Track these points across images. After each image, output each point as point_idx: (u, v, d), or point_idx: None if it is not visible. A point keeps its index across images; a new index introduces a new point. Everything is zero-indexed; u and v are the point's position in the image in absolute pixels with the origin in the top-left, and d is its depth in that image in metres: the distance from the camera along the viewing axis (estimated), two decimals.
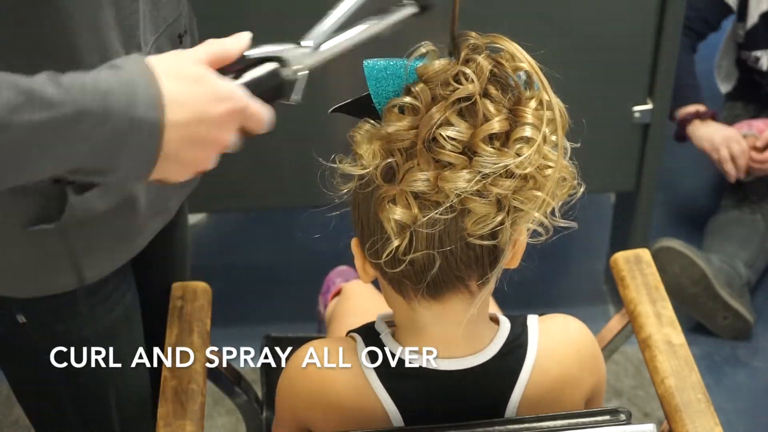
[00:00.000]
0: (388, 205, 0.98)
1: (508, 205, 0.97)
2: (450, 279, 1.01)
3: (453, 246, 0.98)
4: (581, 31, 1.91)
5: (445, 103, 0.96)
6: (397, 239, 0.97)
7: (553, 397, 1.12)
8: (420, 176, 0.96)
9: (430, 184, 0.96)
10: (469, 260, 1.00)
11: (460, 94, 0.96)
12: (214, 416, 2.04)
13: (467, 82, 0.97)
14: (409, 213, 0.97)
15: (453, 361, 1.08)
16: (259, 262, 2.47)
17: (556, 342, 1.13)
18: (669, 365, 1.22)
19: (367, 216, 1.01)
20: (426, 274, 1.00)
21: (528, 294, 1.78)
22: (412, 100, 0.98)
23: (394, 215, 0.97)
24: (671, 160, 2.64)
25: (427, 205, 0.97)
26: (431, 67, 0.99)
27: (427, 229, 0.97)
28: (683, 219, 2.56)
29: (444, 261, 0.99)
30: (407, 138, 0.98)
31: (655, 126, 2.01)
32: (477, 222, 0.97)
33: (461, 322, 1.06)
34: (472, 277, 1.02)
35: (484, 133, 0.96)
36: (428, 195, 0.96)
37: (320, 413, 1.12)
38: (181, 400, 1.18)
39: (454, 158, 0.96)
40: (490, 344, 1.10)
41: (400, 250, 0.98)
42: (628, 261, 1.37)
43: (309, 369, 1.12)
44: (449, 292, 1.03)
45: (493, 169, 0.95)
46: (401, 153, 0.98)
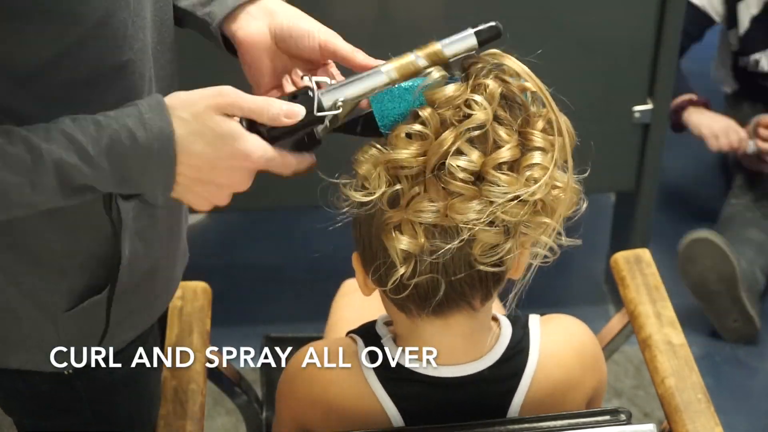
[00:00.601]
0: (395, 233, 0.96)
1: (517, 231, 0.96)
2: (454, 300, 1.01)
3: (455, 269, 0.97)
4: (581, 31, 1.91)
5: (456, 130, 0.94)
6: (402, 267, 0.96)
7: (555, 400, 1.12)
8: (429, 207, 0.94)
9: (440, 215, 0.94)
10: (473, 282, 0.99)
11: (472, 123, 0.93)
12: (214, 416, 2.04)
13: (479, 108, 0.94)
14: (416, 242, 0.95)
15: (454, 368, 1.08)
16: (259, 262, 2.47)
17: (558, 345, 1.13)
18: (669, 365, 1.22)
19: (369, 237, 1.00)
20: (431, 299, 0.99)
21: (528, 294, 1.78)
22: (422, 128, 0.95)
23: (401, 245, 0.95)
24: (671, 160, 2.64)
25: (434, 233, 0.95)
26: (441, 93, 0.95)
27: (433, 258, 0.95)
28: (683, 219, 2.56)
29: (449, 286, 0.98)
30: (415, 165, 0.95)
31: (655, 126, 2.01)
32: (485, 250, 0.96)
33: (463, 334, 1.06)
34: (476, 297, 1.02)
35: (495, 162, 0.94)
36: (439, 226, 0.94)
37: (320, 415, 1.11)
38: (181, 400, 1.18)
39: (464, 188, 0.94)
40: (492, 350, 1.10)
41: (404, 277, 0.97)
42: (629, 261, 1.37)
43: (309, 370, 1.11)
44: (453, 311, 1.02)
45: (505, 199, 0.93)
46: (407, 179, 0.96)
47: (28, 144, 0.86)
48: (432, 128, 0.95)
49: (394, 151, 0.95)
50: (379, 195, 0.96)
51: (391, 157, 0.95)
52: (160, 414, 1.17)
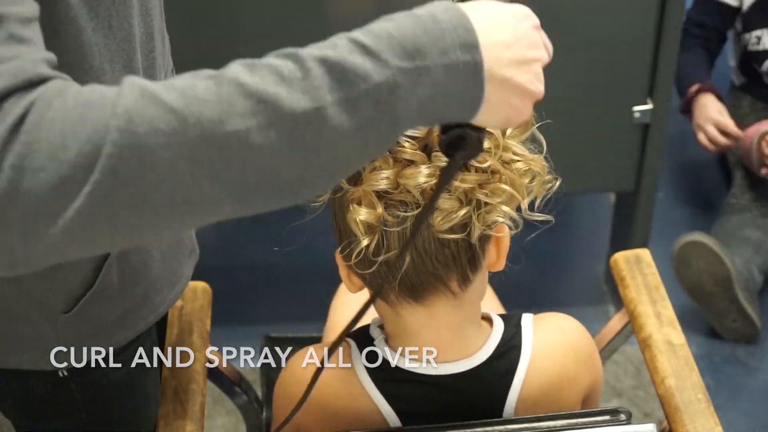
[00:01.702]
0: (353, 206, 0.98)
1: (473, 199, 0.97)
2: (428, 279, 1.01)
3: (425, 243, 0.98)
4: (581, 31, 1.91)
5: None
6: (365, 239, 0.98)
7: (549, 397, 1.12)
8: (381, 175, 0.96)
9: (391, 182, 0.96)
10: (445, 259, 1.00)
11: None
12: (214, 416, 2.04)
13: None
14: (374, 213, 0.97)
15: (446, 366, 1.08)
16: (259, 262, 2.47)
17: (551, 342, 1.13)
18: (669, 365, 1.22)
19: (342, 221, 1.01)
20: (398, 272, 1.00)
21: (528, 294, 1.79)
22: None
23: (360, 216, 0.97)
24: (671, 160, 2.64)
25: (392, 204, 0.97)
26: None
27: (396, 228, 0.97)
28: (683, 219, 2.56)
29: (418, 259, 0.99)
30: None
31: (655, 126, 2.01)
32: (443, 217, 0.97)
33: (450, 327, 1.06)
34: (452, 277, 1.02)
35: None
36: (392, 193, 0.96)
37: (316, 417, 1.12)
38: (181, 400, 1.18)
39: (412, 155, 0.96)
40: (483, 347, 1.10)
41: (370, 250, 0.98)
42: (629, 261, 1.36)
43: (304, 374, 1.12)
44: (430, 294, 1.03)
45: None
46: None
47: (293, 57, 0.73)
48: None
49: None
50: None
51: None
52: (160, 414, 1.17)
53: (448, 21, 0.74)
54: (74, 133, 0.67)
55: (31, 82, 0.69)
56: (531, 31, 0.82)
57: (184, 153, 0.69)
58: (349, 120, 0.71)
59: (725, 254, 2.14)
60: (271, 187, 0.73)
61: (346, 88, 0.71)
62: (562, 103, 1.94)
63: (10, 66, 0.69)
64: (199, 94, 0.70)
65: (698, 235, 2.16)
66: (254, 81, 0.71)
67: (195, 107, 0.69)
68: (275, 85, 0.71)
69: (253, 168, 0.71)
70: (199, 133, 0.69)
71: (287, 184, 0.73)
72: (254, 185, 0.72)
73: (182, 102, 0.69)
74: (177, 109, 0.69)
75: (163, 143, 0.68)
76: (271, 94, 0.70)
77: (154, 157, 0.68)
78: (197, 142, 0.69)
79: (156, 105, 0.69)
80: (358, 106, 0.71)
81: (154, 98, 0.69)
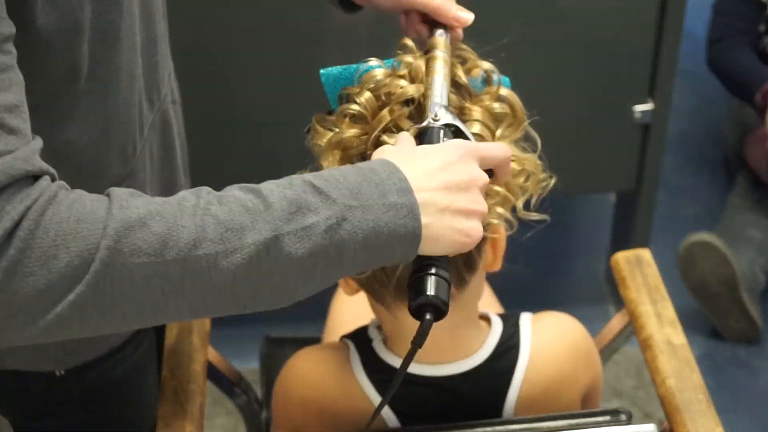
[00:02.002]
0: None
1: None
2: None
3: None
4: (581, 30, 1.90)
5: (390, 107, 0.97)
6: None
7: (549, 396, 1.12)
8: None
9: None
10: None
11: (401, 98, 0.97)
12: (214, 416, 2.04)
13: (407, 84, 0.98)
14: None
15: (444, 367, 1.08)
16: None
17: (550, 341, 1.13)
18: (670, 366, 1.21)
19: None
20: (393, 275, 1.00)
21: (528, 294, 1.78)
22: (358, 108, 0.99)
23: None
24: (671, 160, 2.63)
25: None
26: (371, 75, 1.00)
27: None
28: (683, 219, 2.56)
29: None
30: (359, 145, 0.98)
31: (655, 126, 2.01)
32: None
33: (448, 328, 1.05)
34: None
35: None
36: None
37: (315, 419, 1.12)
38: (180, 401, 1.18)
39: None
40: (482, 347, 1.10)
41: None
42: (629, 261, 1.36)
43: (302, 375, 1.12)
44: None
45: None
46: (358, 159, 0.99)
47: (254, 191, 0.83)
48: (369, 109, 0.99)
49: (340, 132, 0.99)
50: None
51: (336, 138, 0.99)
52: (160, 414, 1.17)
53: (385, 172, 0.84)
54: (66, 246, 0.75)
55: (24, 177, 0.76)
56: (460, 159, 0.88)
57: (160, 271, 0.78)
58: (302, 247, 0.80)
59: (732, 255, 2.14)
60: (226, 302, 0.82)
61: (300, 219, 0.80)
62: (562, 102, 1.94)
63: (1, 162, 0.74)
64: (178, 220, 0.78)
65: (705, 235, 2.16)
66: (223, 211, 0.80)
67: (174, 232, 0.78)
68: (241, 216, 0.80)
69: (216, 287, 0.80)
70: (175, 255, 0.77)
71: (241, 300, 0.82)
72: (212, 300, 0.81)
73: (164, 226, 0.78)
74: (159, 233, 0.77)
75: (143, 263, 0.77)
76: (237, 224, 0.79)
77: (133, 274, 0.77)
78: (172, 263, 0.78)
79: (141, 228, 0.77)
80: (310, 236, 0.80)
81: (140, 221, 0.77)
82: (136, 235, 0.77)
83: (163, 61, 1.08)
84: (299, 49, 1.81)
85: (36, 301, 0.75)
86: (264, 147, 1.95)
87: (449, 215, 0.85)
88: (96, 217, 0.76)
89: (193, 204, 0.80)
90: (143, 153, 1.05)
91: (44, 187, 0.77)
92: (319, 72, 1.03)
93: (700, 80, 2.81)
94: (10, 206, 0.74)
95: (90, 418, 1.15)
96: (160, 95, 1.08)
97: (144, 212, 0.78)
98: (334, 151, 1.00)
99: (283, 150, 1.85)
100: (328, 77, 1.03)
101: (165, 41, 1.10)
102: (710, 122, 2.84)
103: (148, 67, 1.03)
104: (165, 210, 0.79)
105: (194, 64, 1.80)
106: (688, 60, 2.47)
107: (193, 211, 0.79)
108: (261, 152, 1.94)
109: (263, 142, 1.95)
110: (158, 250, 0.77)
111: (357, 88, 1.00)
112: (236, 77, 1.88)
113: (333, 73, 1.02)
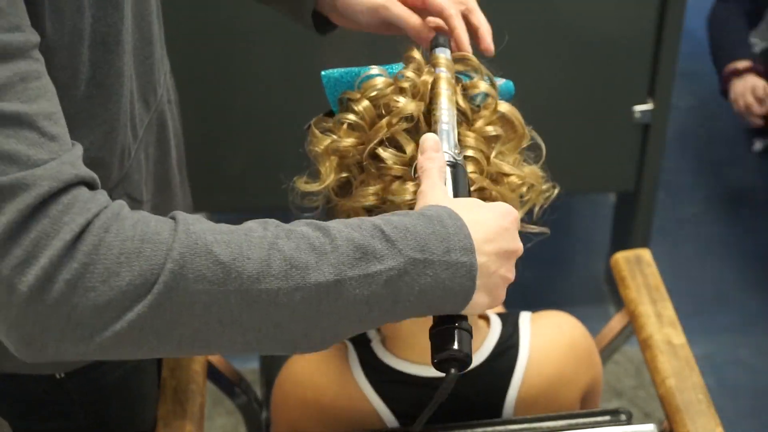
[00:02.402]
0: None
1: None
2: None
3: None
4: (581, 31, 1.90)
5: (387, 120, 0.97)
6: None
7: (549, 396, 1.12)
8: (369, 190, 0.96)
9: (378, 198, 0.96)
10: None
11: (400, 114, 0.97)
12: (214, 416, 2.04)
13: (407, 100, 0.97)
14: None
15: None
16: None
17: (549, 340, 1.13)
18: (670, 366, 1.21)
19: None
20: None
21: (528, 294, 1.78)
22: (355, 118, 0.98)
23: None
24: (671, 160, 2.64)
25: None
26: (371, 83, 0.99)
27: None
28: (683, 219, 2.56)
29: None
30: (356, 154, 0.98)
31: (655, 126, 2.01)
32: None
33: None
34: None
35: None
36: (380, 208, 0.96)
37: (314, 419, 1.12)
38: (180, 400, 1.18)
39: (400, 171, 0.96)
40: (481, 347, 1.10)
41: None
42: (629, 261, 1.36)
43: (301, 375, 1.12)
44: None
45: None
46: (355, 167, 0.99)
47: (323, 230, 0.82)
48: (366, 118, 0.98)
49: (338, 139, 0.99)
50: (328, 183, 0.99)
51: (333, 145, 0.99)
52: (160, 414, 1.17)
53: (453, 226, 0.83)
54: (129, 265, 0.75)
55: (74, 183, 0.76)
56: (512, 226, 0.89)
57: (220, 301, 0.77)
58: (361, 294, 0.80)
59: None
60: (279, 338, 0.81)
61: (364, 266, 0.80)
62: (562, 102, 1.94)
63: (48, 168, 0.74)
64: (244, 251, 0.78)
65: None
66: (290, 247, 0.79)
67: (239, 263, 0.77)
68: (307, 254, 0.79)
69: (272, 322, 0.79)
70: (237, 286, 0.77)
71: (293, 338, 0.81)
72: (266, 335, 0.80)
73: (229, 256, 0.77)
74: (224, 262, 0.77)
75: (205, 290, 0.76)
76: (302, 262, 0.79)
77: (194, 299, 0.76)
78: (233, 293, 0.77)
79: (207, 255, 0.76)
80: (371, 283, 0.80)
81: (206, 248, 0.77)
82: (201, 261, 0.76)
83: (159, 61, 1.08)
84: (299, 49, 1.81)
85: (95, 316, 0.75)
86: (263, 146, 1.95)
87: (494, 280, 0.86)
88: (161, 238, 0.76)
89: (260, 236, 0.79)
90: (138, 155, 1.05)
91: (104, 202, 0.77)
92: (321, 74, 1.03)
93: (700, 80, 2.81)
94: (68, 217, 0.74)
95: (90, 420, 1.15)
96: (157, 96, 1.08)
97: (211, 239, 0.77)
98: (331, 157, 1.00)
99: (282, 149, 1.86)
100: (329, 79, 1.02)
101: (160, 41, 1.09)
102: (710, 122, 2.84)
103: (144, 68, 1.03)
104: (232, 239, 0.78)
105: (193, 64, 1.80)
106: (688, 60, 2.47)
107: (260, 243, 0.79)
108: (260, 151, 1.94)
109: (262, 142, 1.95)
110: (221, 279, 0.76)
111: (357, 94, 1.00)
112: (235, 77, 1.88)
113: (334, 76, 1.02)
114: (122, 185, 1.01)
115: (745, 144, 2.72)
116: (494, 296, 0.86)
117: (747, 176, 2.69)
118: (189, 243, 0.76)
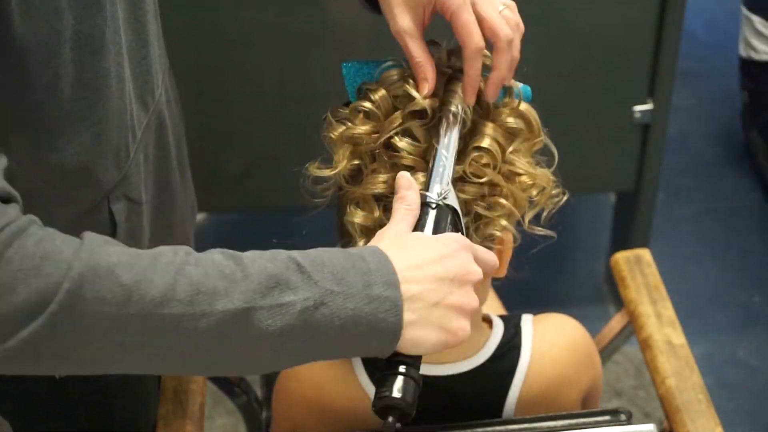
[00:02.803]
0: (351, 208, 0.98)
1: (472, 210, 0.97)
2: None
3: None
4: (581, 31, 1.90)
5: (402, 112, 0.97)
6: (361, 240, 0.98)
7: (549, 398, 1.12)
8: (379, 178, 0.97)
9: (389, 186, 0.96)
10: None
11: (413, 107, 0.97)
12: (214, 416, 2.04)
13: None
14: (370, 216, 0.97)
15: (445, 367, 1.08)
16: None
17: (551, 342, 1.13)
18: (670, 365, 1.22)
19: (341, 220, 1.02)
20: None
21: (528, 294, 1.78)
22: (371, 105, 0.99)
23: (356, 218, 0.98)
24: (671, 160, 2.64)
25: (390, 207, 0.95)
26: (388, 74, 1.00)
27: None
28: (683, 219, 2.56)
29: None
30: (369, 142, 0.98)
31: (655, 126, 2.01)
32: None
33: None
34: None
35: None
36: (390, 197, 0.95)
37: (315, 417, 1.12)
38: (180, 400, 1.18)
39: (412, 162, 0.96)
40: (483, 348, 1.10)
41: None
42: (629, 261, 1.36)
43: (302, 374, 1.12)
44: None
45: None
46: (368, 156, 0.99)
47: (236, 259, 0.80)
48: (382, 108, 0.98)
49: (353, 126, 0.99)
50: (340, 169, 0.99)
51: (348, 132, 0.99)
52: (160, 414, 1.17)
53: (374, 262, 0.81)
54: (26, 282, 0.72)
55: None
56: (456, 252, 0.85)
57: (121, 324, 0.74)
58: (273, 324, 0.77)
59: None
60: (182, 365, 0.79)
61: (276, 295, 0.77)
62: (562, 102, 1.94)
63: None
64: (148, 274, 0.75)
65: None
66: (198, 273, 0.76)
67: (143, 286, 0.74)
68: (216, 281, 0.76)
69: (176, 349, 0.77)
70: (139, 309, 0.74)
71: (202, 365, 0.79)
72: (175, 362, 0.79)
73: (133, 279, 0.74)
74: (126, 284, 0.74)
75: (105, 312, 0.73)
76: (210, 288, 0.76)
77: (92, 321, 0.74)
78: (136, 317, 0.74)
79: (108, 276, 0.74)
80: (284, 314, 0.77)
81: (108, 269, 0.74)
82: (101, 283, 0.74)
83: (156, 62, 1.07)
84: (300, 49, 1.81)
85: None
86: (264, 146, 1.95)
87: (439, 311, 0.82)
88: (62, 257, 0.74)
89: (168, 260, 0.77)
90: (137, 156, 1.04)
91: (13, 217, 0.74)
92: (342, 64, 1.03)
93: (700, 80, 2.81)
94: None
95: (91, 420, 1.15)
96: (155, 97, 1.07)
97: (114, 261, 0.75)
98: (345, 144, 1.00)
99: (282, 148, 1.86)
100: (349, 70, 1.03)
101: (158, 41, 1.09)
102: (710, 122, 2.84)
103: (140, 69, 1.02)
104: (137, 262, 0.76)
105: (193, 64, 1.80)
106: (688, 60, 2.47)
107: (167, 268, 0.76)
108: (261, 152, 1.95)
109: (263, 142, 1.95)
110: (122, 301, 0.74)
111: (375, 84, 1.00)
112: (236, 77, 1.88)
113: (355, 66, 1.03)
114: (120, 187, 1.01)
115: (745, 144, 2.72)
116: (448, 329, 0.82)
117: (747, 176, 2.69)
118: (91, 263, 0.74)
